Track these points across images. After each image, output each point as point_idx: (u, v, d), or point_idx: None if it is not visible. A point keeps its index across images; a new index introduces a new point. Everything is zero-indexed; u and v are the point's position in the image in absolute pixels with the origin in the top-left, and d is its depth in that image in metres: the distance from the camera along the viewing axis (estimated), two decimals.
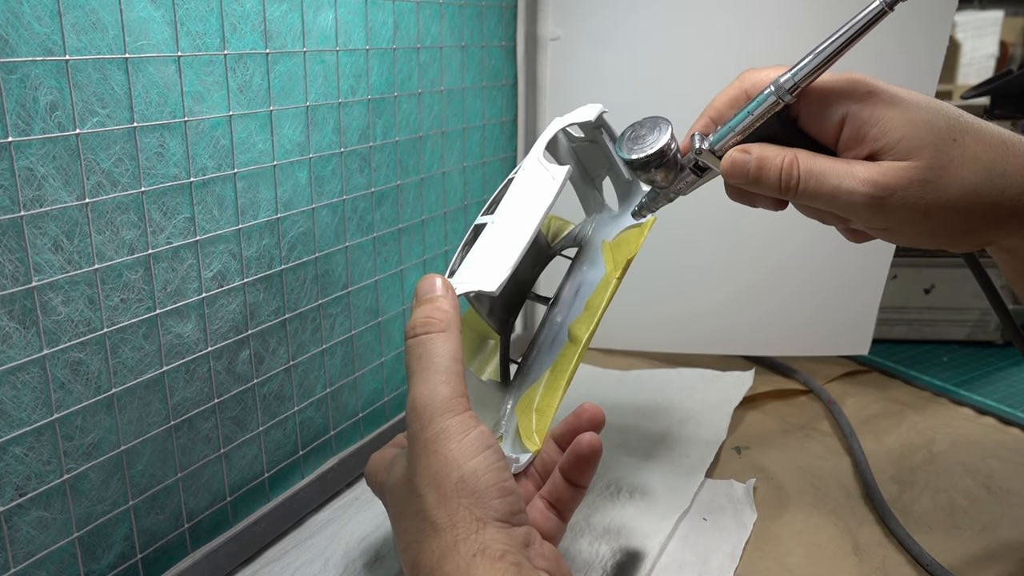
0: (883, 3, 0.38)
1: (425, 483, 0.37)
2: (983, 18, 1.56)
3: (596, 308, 0.48)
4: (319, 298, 0.54)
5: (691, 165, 0.45)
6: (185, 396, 0.45)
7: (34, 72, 0.35)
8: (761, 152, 0.42)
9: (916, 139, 0.38)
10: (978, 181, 0.38)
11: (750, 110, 0.42)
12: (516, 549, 0.36)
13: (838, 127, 0.40)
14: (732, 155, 0.42)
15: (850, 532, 0.53)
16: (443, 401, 0.38)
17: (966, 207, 0.39)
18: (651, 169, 0.45)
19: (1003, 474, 0.59)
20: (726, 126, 0.43)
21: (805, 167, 0.40)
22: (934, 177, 0.38)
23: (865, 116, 0.39)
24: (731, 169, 0.43)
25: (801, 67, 0.40)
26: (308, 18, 0.49)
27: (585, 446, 0.43)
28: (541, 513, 0.44)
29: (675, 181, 0.46)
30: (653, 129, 0.45)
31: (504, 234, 0.45)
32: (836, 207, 0.41)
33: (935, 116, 0.39)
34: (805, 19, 0.67)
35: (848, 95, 0.40)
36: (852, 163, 0.40)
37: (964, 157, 0.38)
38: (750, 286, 0.76)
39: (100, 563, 0.42)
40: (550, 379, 0.48)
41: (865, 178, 0.39)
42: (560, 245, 0.56)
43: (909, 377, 0.76)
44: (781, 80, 0.40)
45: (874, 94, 0.39)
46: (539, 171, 0.47)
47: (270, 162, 0.48)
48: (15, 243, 0.35)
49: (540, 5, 0.72)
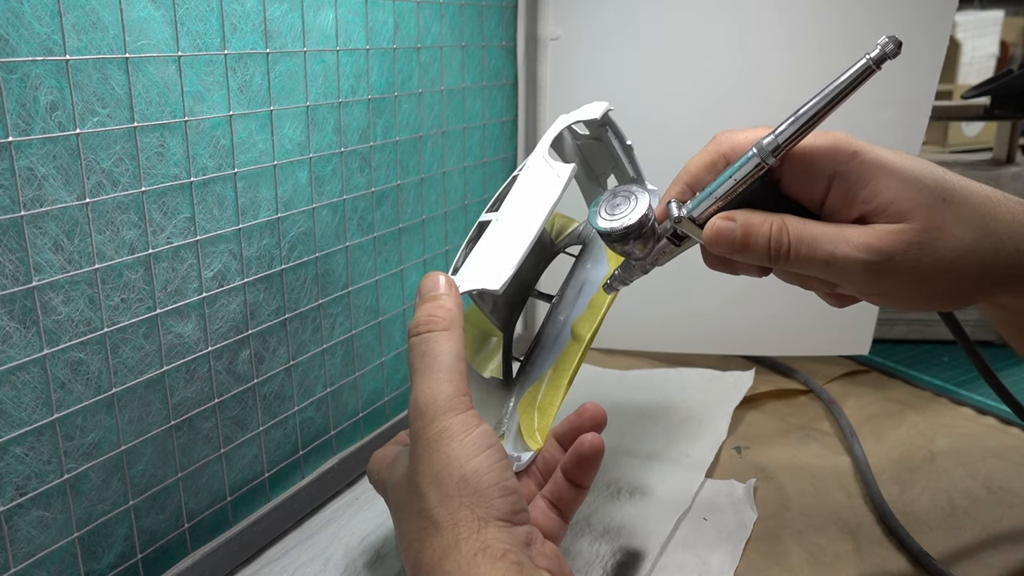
0: (869, 61, 0.36)
1: (427, 482, 0.37)
2: (983, 18, 1.56)
3: (599, 307, 0.48)
4: (319, 298, 0.54)
5: (668, 235, 0.42)
6: (185, 396, 0.45)
7: (34, 72, 0.35)
8: (747, 219, 0.39)
9: (908, 200, 0.37)
10: (972, 242, 0.37)
11: (730, 174, 0.39)
12: (518, 548, 0.36)
13: (824, 190, 0.39)
14: (716, 223, 0.40)
15: (850, 532, 0.53)
16: (445, 400, 0.38)
17: (962, 269, 0.37)
18: (629, 241, 0.42)
19: (1003, 474, 0.59)
20: (705, 192, 0.40)
21: (795, 233, 0.38)
22: (930, 239, 0.37)
23: (854, 178, 0.38)
24: (715, 238, 0.40)
25: (784, 128, 0.38)
26: (308, 18, 0.49)
27: (587, 446, 0.43)
28: (542, 513, 0.44)
29: (651, 252, 0.43)
30: (629, 198, 0.43)
31: (508, 232, 0.44)
32: (831, 274, 0.39)
33: (923, 176, 0.38)
34: (805, 19, 0.66)
35: (833, 156, 0.38)
36: (843, 227, 0.38)
37: (956, 217, 0.37)
38: (750, 286, 0.75)
39: (100, 563, 0.42)
40: (552, 377, 0.48)
41: (860, 243, 0.37)
42: (564, 243, 0.56)
43: (909, 377, 0.76)
44: (764, 142, 0.38)
45: (860, 154, 0.38)
46: (544, 169, 0.47)
47: (270, 162, 0.48)
48: (15, 243, 0.36)
49: (540, 5, 0.72)
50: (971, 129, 1.21)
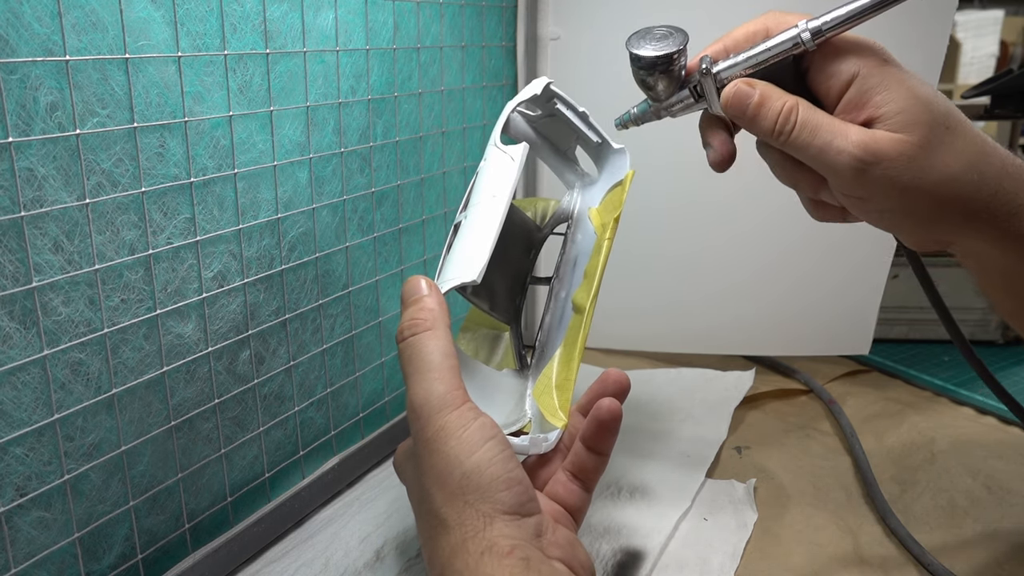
0: None
1: (431, 482, 0.38)
2: (983, 18, 1.56)
3: (593, 273, 0.49)
4: (319, 298, 0.54)
5: (692, 86, 0.44)
6: (185, 396, 0.45)
7: (34, 72, 0.35)
8: (766, 90, 0.41)
9: (915, 115, 0.39)
10: (958, 172, 0.39)
11: (769, 45, 0.41)
12: (526, 541, 0.36)
13: (845, 85, 0.40)
14: (738, 84, 0.42)
15: (851, 532, 0.53)
16: (439, 398, 0.38)
17: (941, 194, 0.39)
18: (656, 73, 0.43)
19: (1004, 474, 0.59)
20: (741, 55, 0.42)
21: (803, 116, 0.40)
22: (921, 156, 0.39)
23: (875, 80, 0.39)
24: (732, 99, 0.42)
25: (830, 17, 0.40)
26: (308, 18, 0.49)
27: (605, 411, 0.43)
28: (564, 486, 0.44)
29: (671, 96, 0.45)
30: (668, 36, 0.44)
31: (478, 224, 0.46)
32: (821, 163, 0.41)
33: (935, 102, 0.39)
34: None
35: (864, 56, 0.40)
36: (847, 124, 0.40)
37: (951, 146, 0.39)
38: (751, 286, 0.76)
39: (101, 563, 0.42)
40: (563, 354, 0.48)
41: (857, 140, 0.39)
42: (550, 224, 0.57)
43: (909, 377, 0.76)
44: (808, 24, 0.40)
45: (889, 63, 0.40)
46: (498, 155, 0.48)
47: (270, 162, 0.48)
48: (15, 243, 0.35)
49: (540, 5, 0.72)
50: None
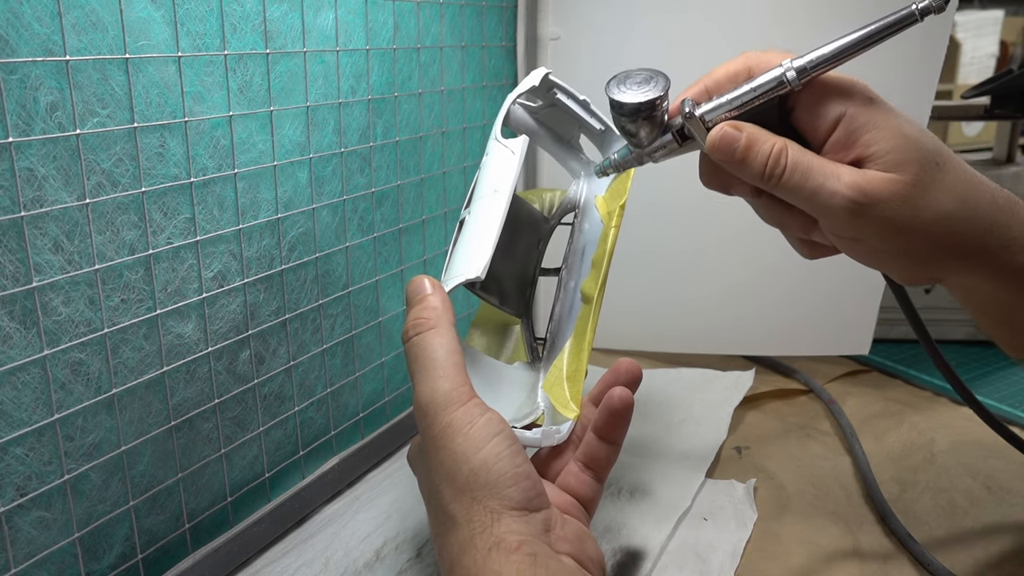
0: (915, 9, 0.38)
1: (440, 479, 0.38)
2: (983, 18, 1.56)
3: (600, 262, 0.49)
4: (319, 298, 0.54)
5: (675, 130, 0.42)
6: (185, 396, 0.45)
7: (34, 72, 0.35)
8: (753, 132, 0.40)
9: (905, 154, 0.38)
10: (952, 210, 0.39)
11: (752, 86, 0.40)
12: (534, 537, 0.36)
13: (832, 125, 0.40)
14: (724, 128, 0.40)
15: (851, 532, 0.53)
16: (444, 395, 0.38)
17: (937, 233, 0.39)
18: (637, 119, 0.42)
19: (1004, 474, 0.59)
20: (724, 97, 0.41)
21: (793, 158, 0.40)
22: (915, 195, 0.38)
23: (863, 120, 0.39)
24: (719, 143, 0.40)
25: (815, 56, 0.39)
26: (308, 18, 0.49)
27: (616, 400, 0.43)
28: (575, 477, 0.44)
29: (653, 142, 0.43)
30: (649, 80, 0.43)
31: (481, 220, 0.46)
32: (814, 206, 0.40)
33: (923, 139, 0.39)
34: (805, 21, 0.66)
35: (850, 96, 0.40)
36: (838, 165, 0.39)
37: (943, 183, 0.39)
38: (751, 286, 0.76)
39: (101, 563, 0.42)
40: (573, 344, 0.48)
41: (850, 181, 0.38)
42: (557, 215, 0.57)
43: (909, 377, 0.76)
44: (793, 63, 0.39)
45: (875, 101, 0.40)
46: (499, 149, 0.48)
47: (270, 162, 0.48)
48: (15, 243, 0.36)
49: (540, 5, 0.72)
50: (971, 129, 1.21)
